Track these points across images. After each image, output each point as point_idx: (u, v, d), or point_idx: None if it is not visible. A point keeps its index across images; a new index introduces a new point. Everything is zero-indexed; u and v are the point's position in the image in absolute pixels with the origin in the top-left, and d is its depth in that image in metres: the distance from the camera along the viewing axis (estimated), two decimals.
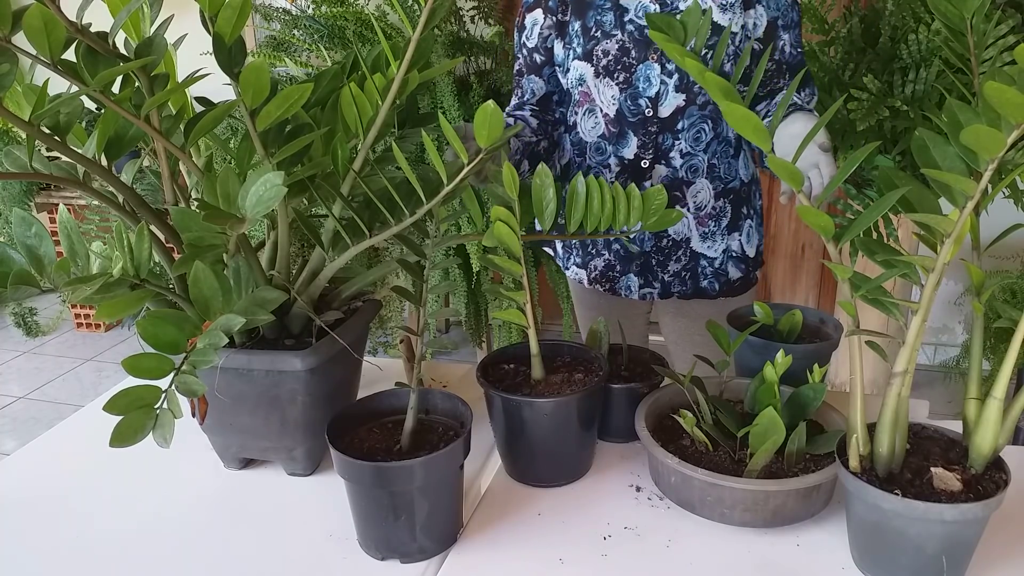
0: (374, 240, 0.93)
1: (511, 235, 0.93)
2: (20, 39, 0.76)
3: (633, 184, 0.99)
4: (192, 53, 1.12)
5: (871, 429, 0.80)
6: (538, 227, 0.99)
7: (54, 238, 0.82)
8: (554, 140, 1.43)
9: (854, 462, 0.80)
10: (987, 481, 0.77)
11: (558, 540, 0.88)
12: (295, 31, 2.18)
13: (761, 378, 0.95)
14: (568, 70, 1.34)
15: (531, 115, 1.38)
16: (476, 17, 2.41)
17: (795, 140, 1.11)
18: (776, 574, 0.82)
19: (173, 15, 0.89)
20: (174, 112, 0.95)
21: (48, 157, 0.94)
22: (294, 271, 1.02)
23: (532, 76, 1.39)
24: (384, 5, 2.26)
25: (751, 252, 1.45)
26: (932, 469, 0.78)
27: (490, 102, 0.80)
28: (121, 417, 0.71)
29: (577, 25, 1.31)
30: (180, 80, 0.86)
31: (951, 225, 0.72)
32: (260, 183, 0.78)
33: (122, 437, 0.71)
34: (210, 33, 0.82)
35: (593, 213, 0.98)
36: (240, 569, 0.86)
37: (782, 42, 1.31)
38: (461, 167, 0.86)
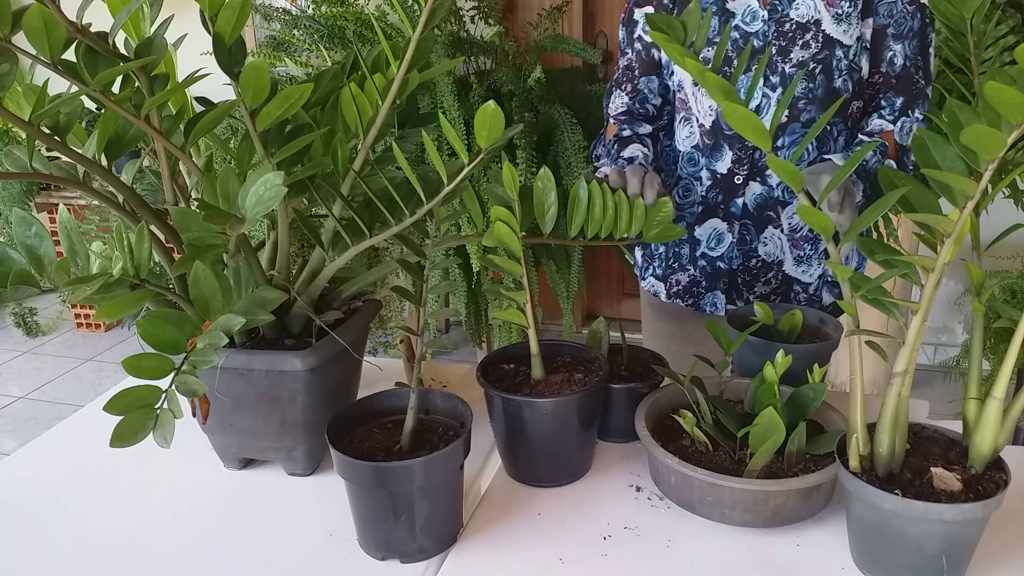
0: (374, 240, 0.93)
1: (511, 235, 0.93)
2: (20, 39, 0.76)
3: (639, 197, 0.99)
4: (192, 53, 1.12)
5: (871, 429, 0.80)
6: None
7: (54, 238, 0.82)
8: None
9: (854, 462, 0.80)
10: (987, 481, 0.77)
11: (558, 540, 0.88)
12: (295, 31, 2.18)
13: (761, 378, 0.95)
14: (672, 73, 1.28)
15: (646, 129, 1.29)
16: (476, 17, 2.41)
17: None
18: (776, 574, 0.82)
19: (173, 15, 0.89)
20: (174, 112, 0.95)
21: (48, 157, 0.94)
22: (294, 271, 1.02)
23: (651, 76, 1.31)
24: (384, 5, 2.25)
25: None
26: (932, 469, 0.78)
27: (490, 102, 0.80)
28: (121, 417, 0.71)
29: None
30: (180, 80, 0.86)
31: (951, 225, 0.72)
32: (260, 183, 0.78)
33: (122, 437, 0.71)
34: (210, 33, 0.82)
35: (594, 219, 0.98)
36: (240, 569, 0.86)
37: (891, 53, 1.20)
38: (461, 167, 0.86)
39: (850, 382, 0.80)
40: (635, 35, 1.32)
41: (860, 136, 1.27)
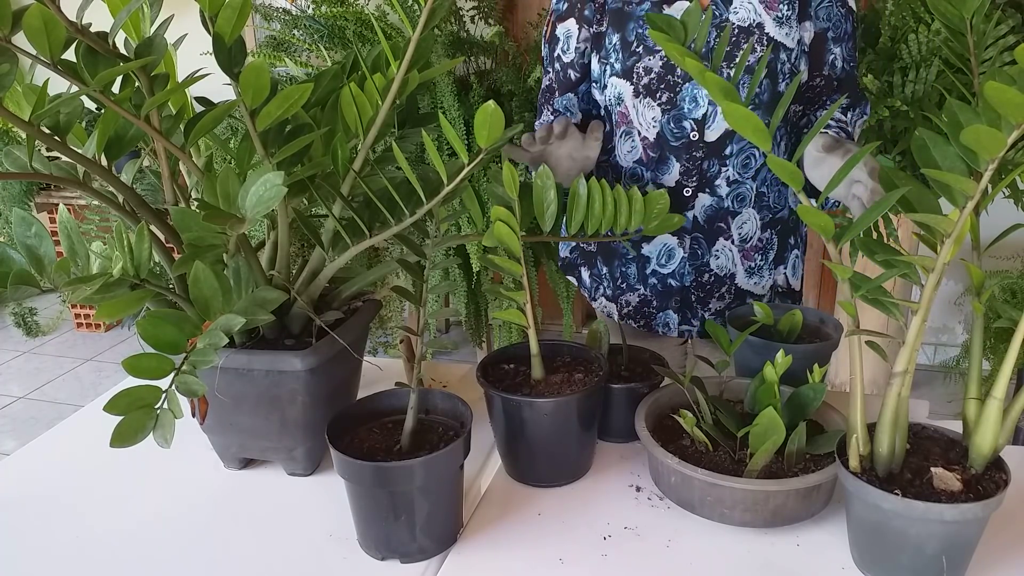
0: (374, 240, 0.93)
1: (511, 235, 0.93)
2: (20, 39, 0.76)
3: (635, 187, 0.98)
4: (192, 53, 1.12)
5: (871, 429, 0.80)
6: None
7: (54, 238, 0.82)
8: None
9: (854, 462, 0.80)
10: (987, 481, 0.77)
11: (558, 540, 0.88)
12: (295, 31, 2.18)
13: (761, 378, 0.95)
14: (605, 87, 1.23)
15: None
16: (476, 17, 2.41)
17: (831, 169, 1.05)
18: (776, 574, 0.82)
19: (173, 15, 0.89)
20: (174, 112, 0.95)
21: (48, 157, 0.94)
22: (294, 271, 1.02)
23: (567, 95, 1.27)
24: (384, 5, 2.25)
25: (796, 285, 1.35)
26: (932, 469, 0.78)
27: (490, 102, 0.80)
28: (121, 417, 0.71)
29: (616, 38, 1.18)
30: (180, 80, 0.86)
31: (951, 225, 0.72)
32: (260, 183, 0.78)
33: (122, 437, 0.71)
34: (210, 33, 0.82)
35: (594, 215, 0.98)
36: (240, 569, 0.86)
37: (832, 56, 1.20)
38: (461, 167, 0.86)
39: (850, 382, 0.80)
40: (555, 54, 1.27)
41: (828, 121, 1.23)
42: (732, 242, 1.27)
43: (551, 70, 1.28)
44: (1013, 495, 0.90)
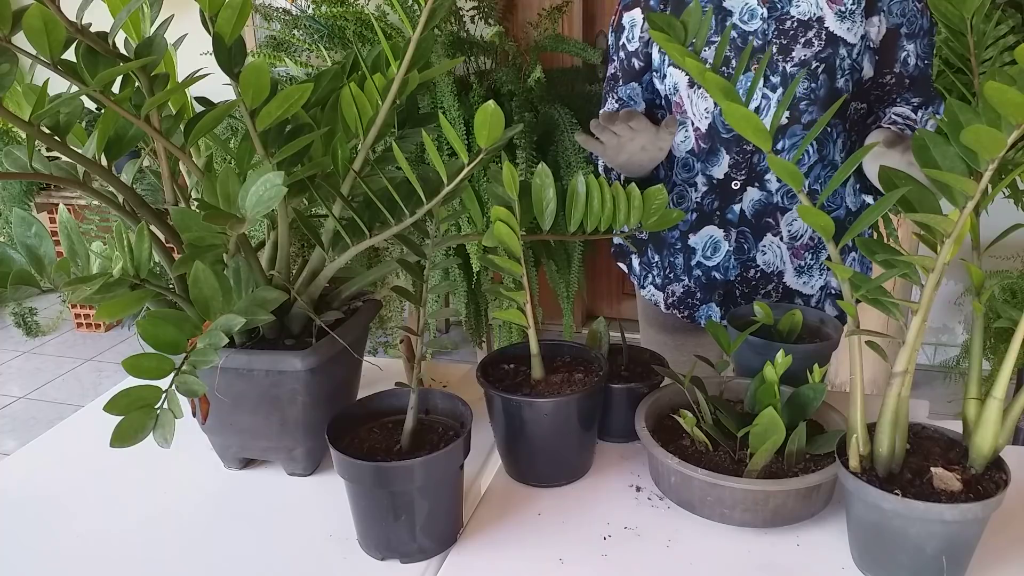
0: (374, 240, 0.93)
1: (511, 235, 0.93)
2: (20, 39, 0.76)
3: (634, 184, 0.98)
4: (192, 53, 1.12)
5: (871, 429, 0.80)
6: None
7: (54, 238, 0.82)
8: None
9: (854, 462, 0.80)
10: (987, 481, 0.77)
11: (558, 540, 0.88)
12: (295, 31, 2.18)
13: (761, 378, 0.95)
14: (664, 76, 1.24)
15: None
16: (476, 17, 2.41)
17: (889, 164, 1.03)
18: (776, 574, 0.82)
19: (173, 15, 0.89)
20: (174, 112, 0.95)
21: (48, 157, 0.94)
22: (294, 271, 1.02)
23: (631, 84, 1.28)
24: (384, 5, 2.25)
25: (829, 282, 1.31)
26: (932, 469, 0.78)
27: (490, 102, 0.80)
28: (121, 417, 0.71)
29: None
30: (180, 80, 0.86)
31: (951, 225, 0.72)
32: (260, 183, 0.78)
33: (122, 437, 0.71)
34: (210, 33, 0.82)
35: (593, 212, 0.98)
36: (240, 569, 0.86)
37: (904, 53, 1.17)
38: (461, 167, 0.86)
39: (850, 382, 0.80)
40: (620, 42, 1.29)
41: (891, 115, 1.20)
42: (781, 239, 1.25)
43: (616, 58, 1.30)
44: (1013, 495, 0.90)
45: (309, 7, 2.20)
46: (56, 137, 0.85)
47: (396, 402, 0.94)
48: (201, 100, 0.93)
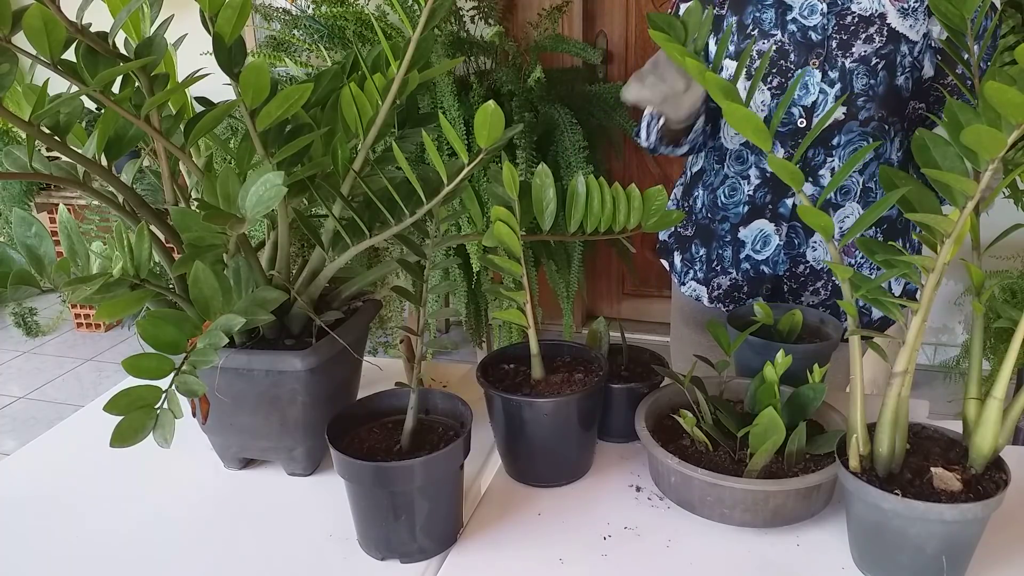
0: (374, 240, 0.93)
1: (511, 235, 0.93)
2: (20, 39, 0.76)
3: (634, 184, 0.98)
4: (192, 53, 1.12)
5: (871, 429, 0.80)
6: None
7: (54, 238, 0.82)
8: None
9: (854, 462, 0.80)
10: (987, 481, 0.77)
11: (558, 540, 0.88)
12: (295, 31, 2.18)
13: (761, 378, 0.95)
14: (720, 69, 1.21)
15: None
16: (476, 17, 2.41)
17: None
18: (776, 574, 0.82)
19: (173, 15, 0.89)
20: (174, 112, 0.95)
21: (48, 157, 0.94)
22: (294, 271, 1.02)
23: None
24: (384, 5, 2.26)
25: (897, 291, 1.30)
26: (932, 469, 0.78)
27: (490, 102, 0.80)
28: (121, 417, 0.71)
29: (733, 21, 1.20)
30: (180, 80, 0.86)
31: (951, 225, 0.72)
32: (260, 183, 0.78)
33: (122, 437, 0.71)
34: (210, 33, 0.82)
35: (593, 213, 0.98)
36: (240, 569, 0.86)
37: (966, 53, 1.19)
38: (461, 167, 0.86)
39: (850, 382, 0.80)
40: None
41: None
42: (833, 236, 1.25)
43: None
44: (1013, 495, 0.90)
45: (309, 7, 2.20)
46: (56, 137, 0.85)
47: (396, 402, 0.94)
48: (201, 100, 0.93)
